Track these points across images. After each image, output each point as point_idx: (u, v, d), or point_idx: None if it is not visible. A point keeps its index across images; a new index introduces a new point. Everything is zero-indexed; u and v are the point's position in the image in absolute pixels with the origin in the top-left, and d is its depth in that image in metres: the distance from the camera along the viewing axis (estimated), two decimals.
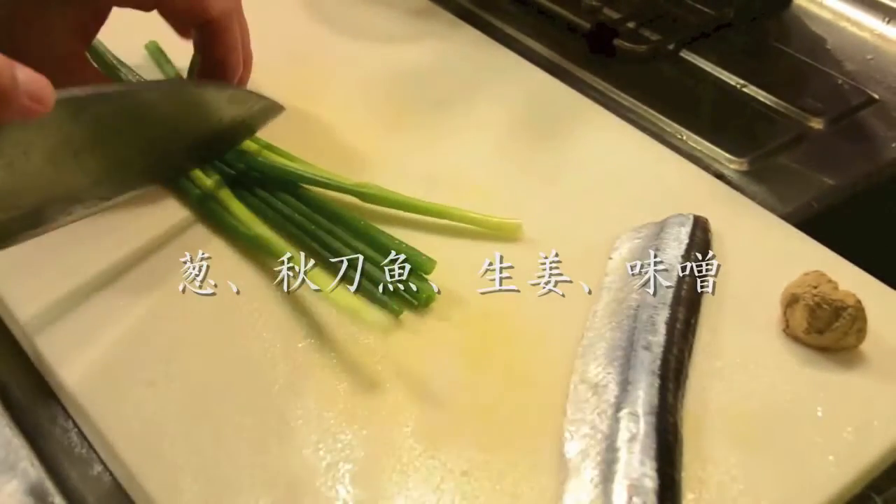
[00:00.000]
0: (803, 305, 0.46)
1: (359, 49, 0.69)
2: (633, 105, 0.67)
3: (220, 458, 0.42)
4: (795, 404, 0.45)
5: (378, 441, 0.42)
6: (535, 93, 0.66)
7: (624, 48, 0.71)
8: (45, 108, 0.38)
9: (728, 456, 0.42)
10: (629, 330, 0.46)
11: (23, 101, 0.37)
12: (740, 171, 0.62)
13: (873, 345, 0.47)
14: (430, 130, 0.62)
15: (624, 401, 0.42)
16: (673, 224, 0.52)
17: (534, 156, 0.60)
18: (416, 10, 0.74)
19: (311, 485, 0.41)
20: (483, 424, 0.43)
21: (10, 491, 0.43)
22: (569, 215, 0.55)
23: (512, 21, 0.76)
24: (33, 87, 0.38)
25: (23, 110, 0.38)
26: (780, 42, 0.75)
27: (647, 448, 0.40)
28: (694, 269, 0.49)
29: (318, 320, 0.48)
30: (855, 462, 0.42)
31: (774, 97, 0.68)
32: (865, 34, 0.76)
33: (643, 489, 0.38)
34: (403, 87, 0.66)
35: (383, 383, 0.45)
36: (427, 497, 0.40)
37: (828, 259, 0.52)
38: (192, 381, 0.45)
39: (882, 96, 0.69)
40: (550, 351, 0.47)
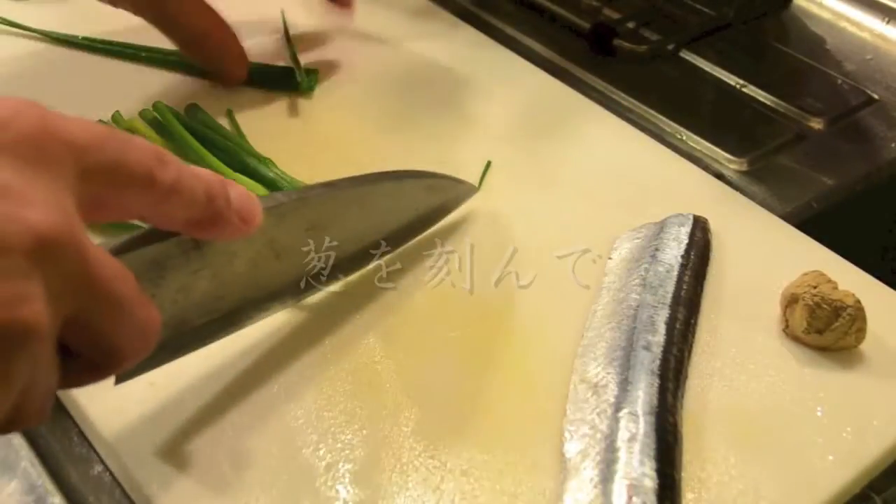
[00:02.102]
0: (803, 305, 0.46)
1: (359, 49, 0.69)
2: (632, 105, 0.67)
3: (219, 458, 0.42)
4: (795, 404, 0.45)
5: (378, 441, 0.43)
6: (535, 93, 0.66)
7: (624, 48, 0.71)
8: (254, 227, 0.38)
9: (728, 456, 0.42)
10: (629, 330, 0.46)
11: (234, 222, 0.37)
12: (740, 171, 0.62)
13: (873, 345, 0.47)
14: (430, 130, 0.62)
15: (623, 401, 0.42)
16: (672, 224, 0.52)
17: (534, 156, 0.60)
18: (416, 10, 0.74)
19: (311, 485, 0.41)
20: (483, 424, 0.43)
21: (10, 491, 0.43)
22: (569, 215, 0.55)
23: (512, 21, 0.76)
24: (244, 207, 0.38)
25: (233, 231, 0.38)
26: (780, 42, 0.75)
27: (647, 448, 0.40)
28: (693, 269, 0.49)
29: (318, 320, 0.48)
30: (855, 462, 0.42)
31: (774, 97, 0.68)
32: (865, 34, 0.76)
33: (643, 489, 0.38)
34: (403, 87, 0.66)
35: (383, 383, 0.45)
36: (427, 497, 0.40)
37: (827, 259, 0.52)
38: (192, 381, 0.45)
39: (882, 96, 0.69)
40: (550, 351, 0.47)
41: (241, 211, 0.38)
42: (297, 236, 0.45)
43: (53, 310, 0.29)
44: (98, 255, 0.31)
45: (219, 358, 0.46)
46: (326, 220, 0.46)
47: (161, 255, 0.37)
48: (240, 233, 0.38)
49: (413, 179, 0.52)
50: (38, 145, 0.29)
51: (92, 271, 0.30)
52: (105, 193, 0.32)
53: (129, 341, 0.33)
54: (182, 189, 0.34)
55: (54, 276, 0.29)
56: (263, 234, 0.42)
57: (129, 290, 0.32)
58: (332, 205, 0.46)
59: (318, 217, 0.45)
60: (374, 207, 0.49)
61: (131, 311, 0.32)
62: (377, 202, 0.49)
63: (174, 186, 0.34)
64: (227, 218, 0.37)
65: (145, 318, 0.33)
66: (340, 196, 0.47)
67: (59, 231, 0.29)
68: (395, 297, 0.49)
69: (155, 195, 0.34)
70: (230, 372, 0.45)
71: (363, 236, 0.48)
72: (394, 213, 0.50)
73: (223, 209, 0.37)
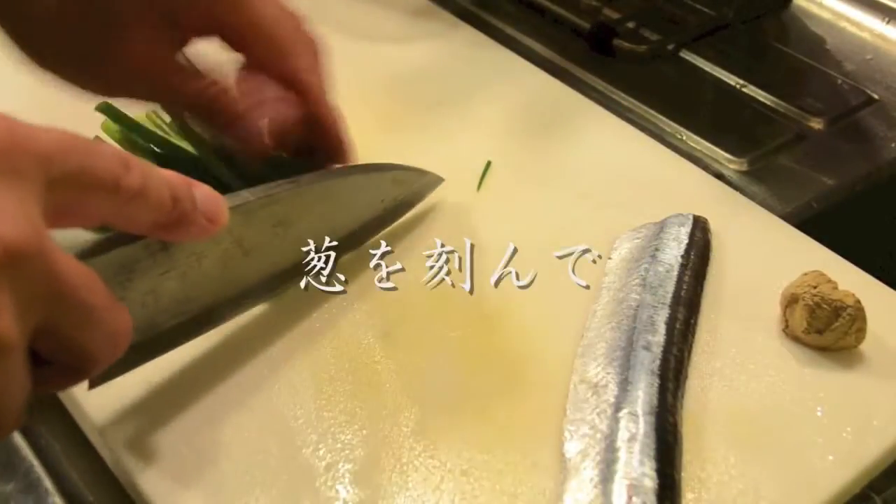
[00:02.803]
0: (803, 305, 0.46)
1: (359, 49, 0.69)
2: (632, 105, 0.67)
3: (219, 458, 0.42)
4: (795, 404, 0.45)
5: (378, 441, 0.43)
6: (535, 93, 0.66)
7: (624, 48, 0.71)
8: (220, 226, 0.38)
9: (727, 456, 0.42)
10: (629, 330, 0.46)
11: (200, 223, 0.37)
12: (740, 171, 0.62)
13: (873, 345, 0.47)
14: (429, 130, 0.62)
15: (623, 401, 0.42)
16: (672, 224, 0.52)
17: (533, 156, 0.60)
18: (416, 10, 0.74)
19: (310, 485, 0.41)
20: (483, 424, 0.43)
21: (10, 491, 0.43)
22: (569, 215, 0.55)
23: (512, 21, 0.76)
24: (209, 207, 0.38)
25: (200, 232, 0.38)
26: (780, 42, 0.75)
27: (647, 448, 0.40)
28: (693, 269, 0.49)
29: (317, 320, 0.48)
30: (854, 461, 0.42)
31: (774, 97, 0.68)
32: (865, 34, 0.76)
33: (643, 489, 0.38)
34: (403, 87, 0.66)
35: (383, 383, 0.45)
36: (427, 497, 0.40)
37: (827, 259, 0.52)
38: (192, 382, 0.45)
39: (882, 96, 0.69)
40: (550, 351, 0.47)
41: (206, 211, 0.38)
42: (264, 233, 0.45)
43: (23, 320, 0.29)
44: (66, 264, 0.31)
45: (218, 359, 0.46)
46: (294, 215, 0.46)
47: (128, 259, 0.38)
48: (206, 233, 0.38)
49: (378, 173, 0.52)
50: (6, 158, 0.29)
51: (61, 280, 0.30)
52: (71, 200, 0.32)
53: (100, 346, 0.33)
54: (148, 193, 0.34)
55: (23, 287, 0.29)
56: (230, 233, 0.42)
57: (98, 296, 0.32)
58: (299, 201, 0.46)
59: (285, 213, 0.45)
60: (340, 201, 0.49)
61: (101, 318, 0.32)
62: (344, 196, 0.49)
63: (140, 191, 0.34)
64: (192, 219, 0.37)
65: (116, 322, 0.33)
66: (307, 191, 0.47)
67: (27, 242, 0.29)
68: (395, 297, 0.49)
69: (120, 200, 0.34)
70: (230, 373, 0.45)
71: (332, 231, 0.48)
72: (361, 206, 0.50)
73: (189, 211, 0.37)
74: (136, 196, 0.34)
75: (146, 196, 0.34)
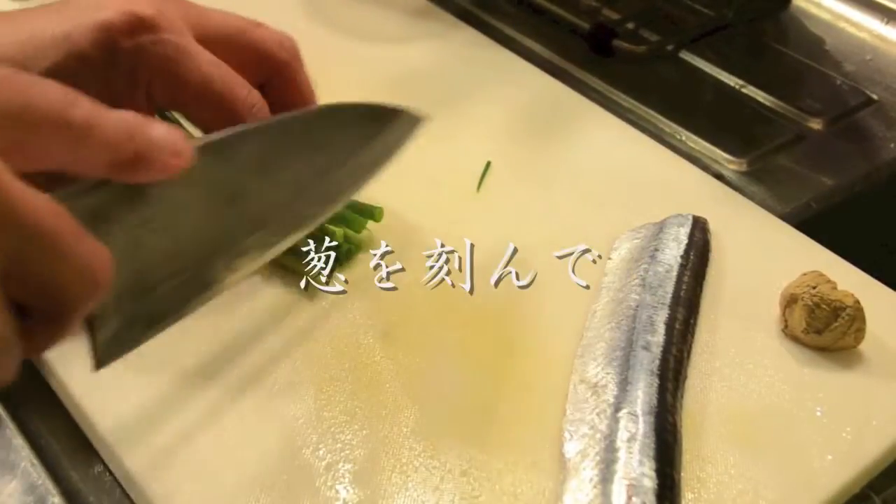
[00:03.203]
0: (802, 305, 0.46)
1: (359, 49, 0.70)
2: (632, 105, 0.67)
3: (220, 458, 0.42)
4: (794, 404, 0.45)
5: (378, 441, 0.43)
6: (535, 93, 0.66)
7: (623, 49, 0.72)
8: (183, 161, 0.36)
9: (727, 456, 0.42)
10: (628, 330, 0.46)
11: (162, 160, 0.35)
12: (739, 171, 0.62)
13: (872, 345, 0.47)
14: (430, 130, 0.62)
15: (623, 401, 0.42)
16: (672, 224, 0.52)
17: (533, 156, 0.60)
18: (416, 10, 0.74)
19: (310, 485, 0.41)
20: (483, 424, 0.43)
21: (10, 491, 0.43)
22: (568, 215, 0.55)
23: (512, 21, 0.76)
24: (168, 142, 0.36)
25: (162, 169, 0.36)
26: (779, 43, 0.75)
27: (647, 448, 0.40)
28: (693, 269, 0.49)
29: (318, 319, 0.48)
30: (854, 461, 0.42)
31: (773, 98, 0.68)
32: (864, 35, 0.76)
33: (642, 489, 0.38)
34: (403, 87, 0.66)
35: (383, 383, 0.45)
36: (426, 497, 0.40)
37: (826, 259, 0.52)
38: (192, 382, 0.45)
39: (881, 97, 0.69)
40: (550, 351, 0.47)
41: (166, 146, 0.36)
42: (244, 178, 0.42)
43: None
44: (24, 191, 0.29)
45: (218, 357, 0.46)
46: (272, 158, 0.43)
47: (100, 205, 0.35)
48: (170, 169, 0.36)
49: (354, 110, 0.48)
50: None
51: (17, 206, 0.29)
52: (19, 137, 0.31)
53: (75, 280, 0.31)
54: (98, 128, 0.33)
55: None
56: (205, 176, 0.39)
57: (62, 223, 0.30)
58: (277, 140, 0.43)
59: (261, 154, 0.42)
60: (321, 142, 0.46)
61: (70, 246, 0.31)
62: (323, 136, 0.46)
63: (88, 123, 0.33)
64: (151, 156, 0.35)
65: (89, 254, 0.31)
66: (284, 128, 0.44)
67: None
68: (395, 297, 0.49)
69: (71, 136, 0.32)
70: (230, 372, 0.45)
71: (319, 175, 0.45)
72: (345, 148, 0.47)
73: (145, 147, 0.35)
74: (87, 132, 0.33)
75: (97, 132, 0.33)
